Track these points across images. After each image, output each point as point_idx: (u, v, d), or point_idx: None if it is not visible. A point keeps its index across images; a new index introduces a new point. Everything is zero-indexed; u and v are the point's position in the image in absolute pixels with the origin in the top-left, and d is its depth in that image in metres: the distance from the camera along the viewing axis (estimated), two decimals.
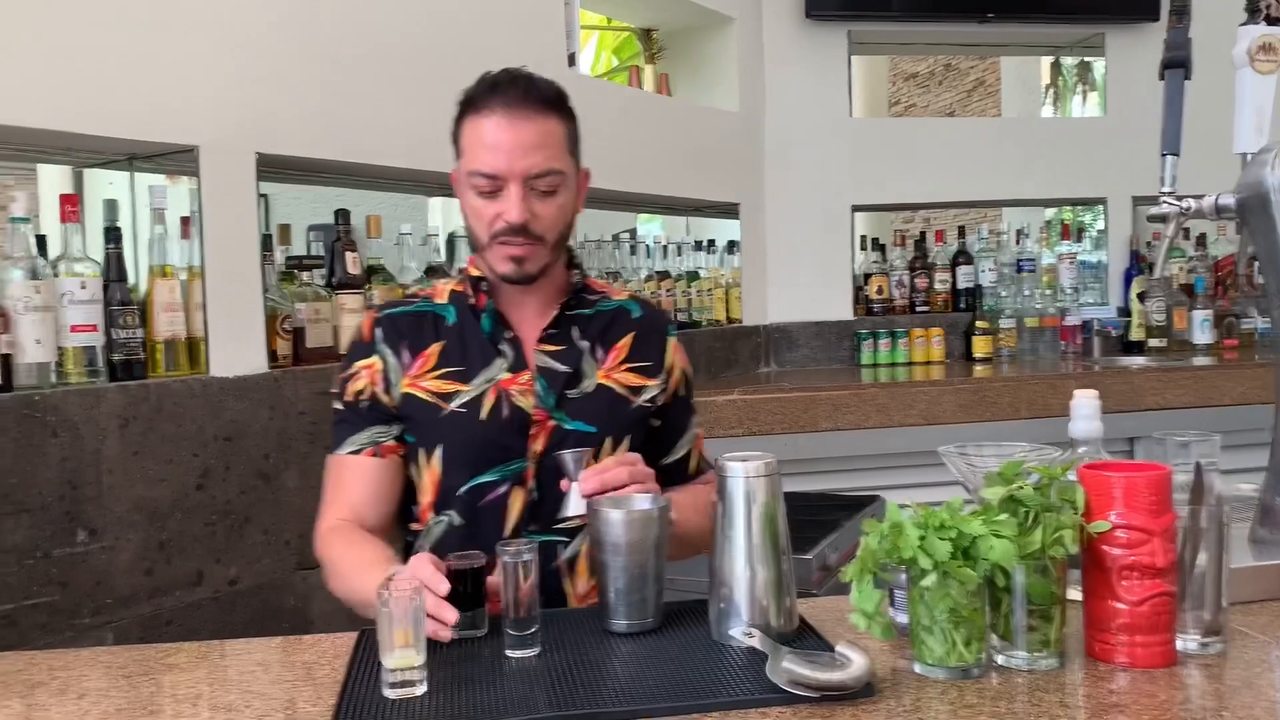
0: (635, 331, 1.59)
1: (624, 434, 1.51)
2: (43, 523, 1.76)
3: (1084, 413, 1.33)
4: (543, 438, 1.48)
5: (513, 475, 1.47)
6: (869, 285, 4.22)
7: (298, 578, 2.19)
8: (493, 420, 1.46)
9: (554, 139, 1.45)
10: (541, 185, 1.44)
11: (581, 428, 1.49)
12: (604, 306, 1.60)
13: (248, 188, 2.15)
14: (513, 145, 1.42)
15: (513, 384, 1.48)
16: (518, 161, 1.42)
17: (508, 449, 1.47)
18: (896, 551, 1.11)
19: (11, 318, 1.76)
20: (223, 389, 2.05)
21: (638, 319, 1.60)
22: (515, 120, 1.42)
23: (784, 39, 4.06)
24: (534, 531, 1.46)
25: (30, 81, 1.80)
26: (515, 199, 1.42)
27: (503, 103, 1.43)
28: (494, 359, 1.50)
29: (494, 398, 1.47)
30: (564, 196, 1.48)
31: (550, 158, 1.44)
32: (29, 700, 1.16)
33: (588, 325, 1.56)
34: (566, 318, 1.54)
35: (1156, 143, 1.59)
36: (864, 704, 1.06)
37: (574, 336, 1.54)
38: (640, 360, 1.57)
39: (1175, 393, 3.45)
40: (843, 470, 3.25)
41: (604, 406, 1.52)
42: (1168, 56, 1.54)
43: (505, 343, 1.51)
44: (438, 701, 1.08)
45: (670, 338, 1.63)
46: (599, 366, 1.54)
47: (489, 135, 1.43)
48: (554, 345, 1.53)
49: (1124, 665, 1.13)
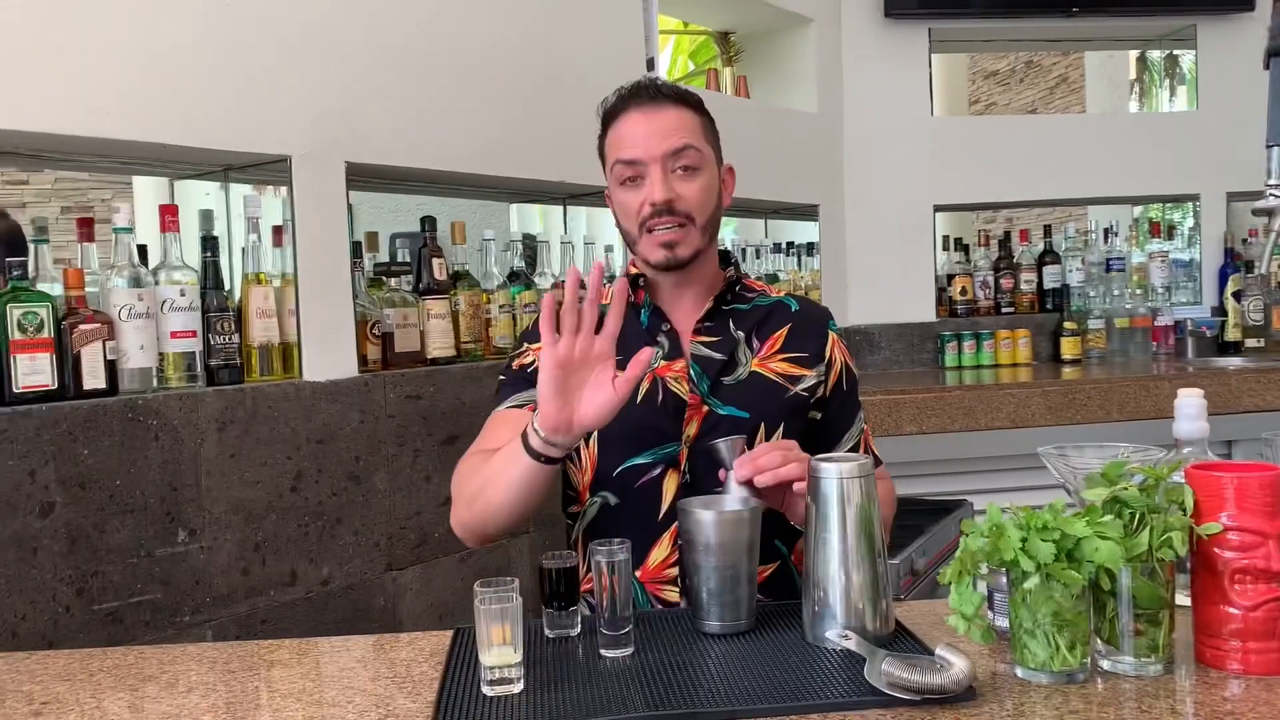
0: (792, 324, 1.61)
1: (779, 421, 1.53)
2: (145, 523, 1.81)
3: (1189, 412, 1.29)
4: (696, 422, 1.51)
5: (666, 458, 1.50)
6: (952, 286, 4.15)
7: (388, 578, 2.22)
8: (647, 404, 1.50)
9: (688, 124, 1.52)
10: (682, 162, 1.50)
11: (735, 413, 1.52)
12: (761, 302, 1.63)
13: (338, 196, 2.19)
14: (649, 132, 1.49)
15: (668, 371, 1.53)
16: (655, 145, 1.49)
17: (662, 433, 1.50)
18: (998, 553, 1.08)
19: (116, 324, 1.82)
20: (315, 393, 2.10)
21: (796, 312, 1.64)
22: (648, 112, 1.51)
23: (863, 38, 4.02)
24: None
25: (129, 95, 1.86)
26: (657, 179, 1.48)
27: (635, 101, 1.52)
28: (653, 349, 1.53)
29: (650, 383, 1.51)
30: (706, 177, 1.53)
31: (686, 135, 1.51)
32: (139, 693, 1.20)
33: (744, 318, 1.60)
34: (722, 311, 1.58)
35: (1250, 137, 1.54)
36: (965, 708, 1.04)
37: (729, 328, 1.58)
38: (797, 351, 1.59)
39: (1275, 394, 3.33)
40: (928, 475, 3.20)
41: (758, 393, 1.54)
42: (1273, 44, 1.49)
43: (662, 335, 1.56)
44: (535, 700, 1.08)
45: (831, 331, 1.65)
46: (754, 356, 1.58)
47: (628, 129, 1.51)
48: (709, 336, 1.56)
49: (1237, 673, 1.09)
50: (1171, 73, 5.47)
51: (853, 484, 1.21)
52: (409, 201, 3.60)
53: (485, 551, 2.44)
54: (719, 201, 1.57)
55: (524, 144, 2.63)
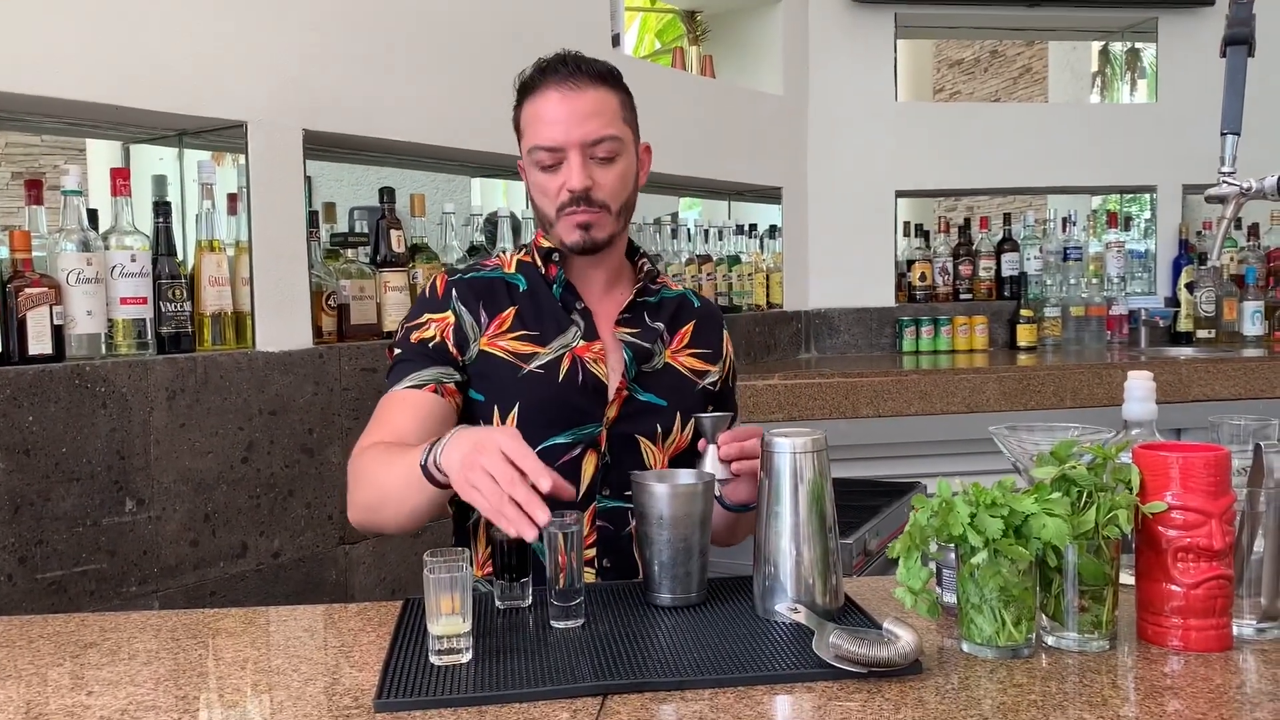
0: (696, 320, 1.65)
1: (690, 413, 1.55)
2: (91, 491, 1.78)
3: (1138, 394, 1.30)
4: (617, 405, 1.51)
5: (586, 439, 1.50)
6: (912, 272, 4.18)
7: (340, 552, 2.21)
8: (569, 383, 1.50)
9: (608, 108, 1.49)
10: (600, 152, 1.48)
11: (654, 400, 1.54)
12: (667, 294, 1.65)
13: (295, 164, 2.16)
14: (568, 115, 1.46)
15: (587, 352, 1.52)
16: (574, 130, 1.46)
17: (583, 413, 1.50)
18: (946, 528, 1.09)
19: (64, 289, 1.79)
20: (268, 363, 2.07)
21: (697, 308, 1.67)
22: (568, 93, 1.47)
23: (830, 21, 4.02)
24: (606, 496, 1.50)
25: (81, 55, 1.82)
26: (576, 166, 1.46)
27: (555, 80, 1.48)
28: (568, 326, 1.53)
29: (569, 362, 1.51)
30: (623, 164, 1.51)
31: (605, 124, 1.48)
32: (81, 660, 1.18)
33: (656, 311, 1.61)
34: (637, 303, 1.59)
35: (1209, 130, 1.56)
36: (911, 681, 1.04)
37: (647, 319, 1.59)
38: (702, 347, 1.63)
39: (1224, 384, 3.39)
40: (884, 457, 3.22)
41: (673, 384, 1.57)
42: (1230, 32, 1.50)
43: (577, 312, 1.55)
44: (482, 669, 1.08)
45: (725, 330, 1.70)
46: (667, 348, 1.60)
47: (545, 111, 1.47)
48: (631, 328, 1.57)
49: (1177, 649, 1.11)
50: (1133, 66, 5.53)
51: (805, 458, 1.21)
52: (370, 175, 3.56)
53: (439, 527, 2.42)
54: (635, 184, 1.56)
55: (486, 116, 2.60)
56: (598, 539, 1.50)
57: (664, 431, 1.53)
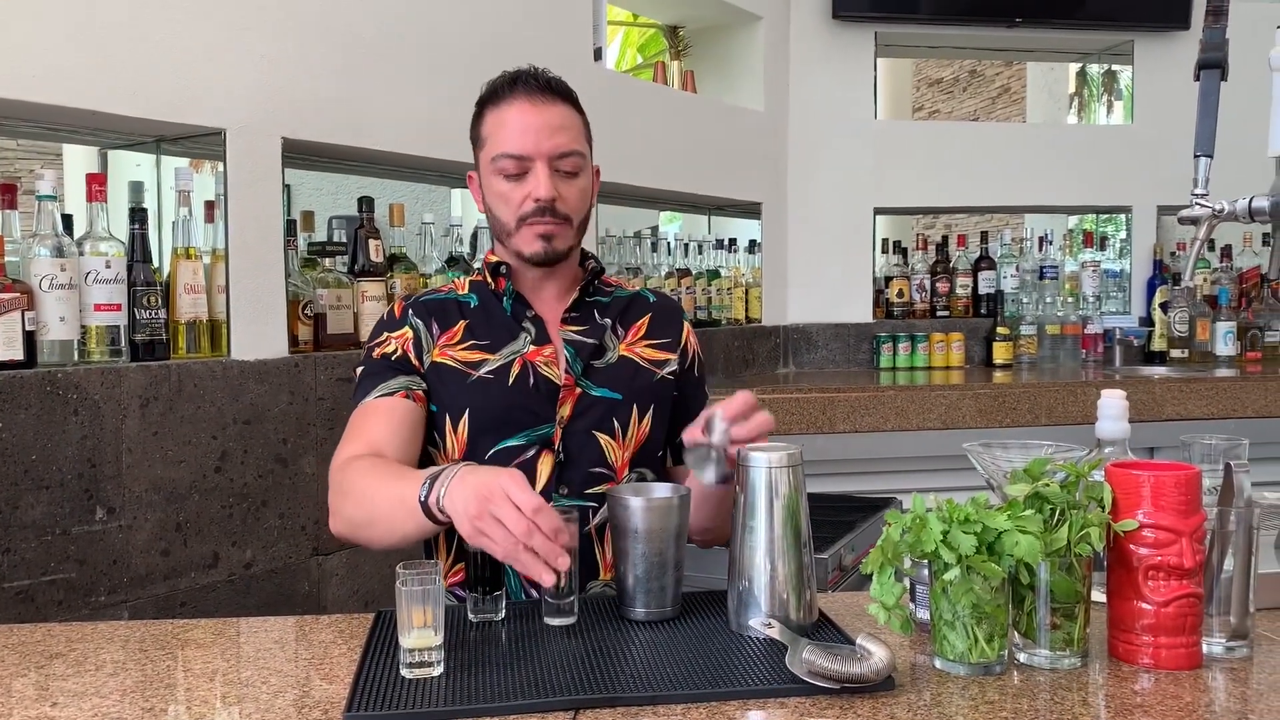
0: (652, 314, 1.65)
1: (649, 402, 1.56)
2: (61, 499, 1.76)
3: (1111, 412, 1.31)
4: (570, 403, 1.51)
5: (540, 439, 1.50)
6: (890, 288, 4.20)
7: (313, 563, 2.19)
8: (518, 388, 1.50)
9: (572, 124, 1.52)
10: (565, 166, 1.49)
11: (608, 394, 1.53)
12: (620, 294, 1.66)
13: (273, 172, 2.15)
14: (539, 126, 1.47)
15: (537, 356, 1.52)
16: (544, 141, 1.47)
17: (535, 414, 1.50)
18: (919, 544, 1.09)
19: (36, 294, 1.77)
20: (243, 372, 2.06)
21: (653, 303, 1.67)
22: (539, 105, 1.49)
23: (811, 38, 4.05)
24: (564, 496, 1.49)
25: (60, 60, 1.80)
26: (543, 176, 1.47)
27: (525, 91, 1.50)
28: (518, 334, 1.54)
29: (520, 367, 1.51)
30: (584, 180, 1.54)
31: (572, 140, 1.50)
32: (46, 671, 1.16)
33: (606, 309, 1.61)
34: (585, 302, 1.59)
35: (1184, 152, 1.57)
36: (884, 697, 1.04)
37: (595, 316, 1.59)
38: (659, 337, 1.63)
39: (1196, 403, 3.42)
40: (859, 473, 3.23)
41: (628, 375, 1.57)
42: (1204, 57, 1.52)
43: (528, 320, 1.55)
44: (454, 682, 1.07)
45: (685, 321, 1.70)
46: (620, 342, 1.60)
47: (515, 119, 1.48)
48: (577, 325, 1.57)
49: (1147, 666, 1.12)
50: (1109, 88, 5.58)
51: (781, 474, 1.21)
52: (350, 185, 3.56)
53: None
54: (591, 203, 1.59)
55: (466, 127, 2.59)
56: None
57: (621, 426, 1.52)
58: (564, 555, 1.15)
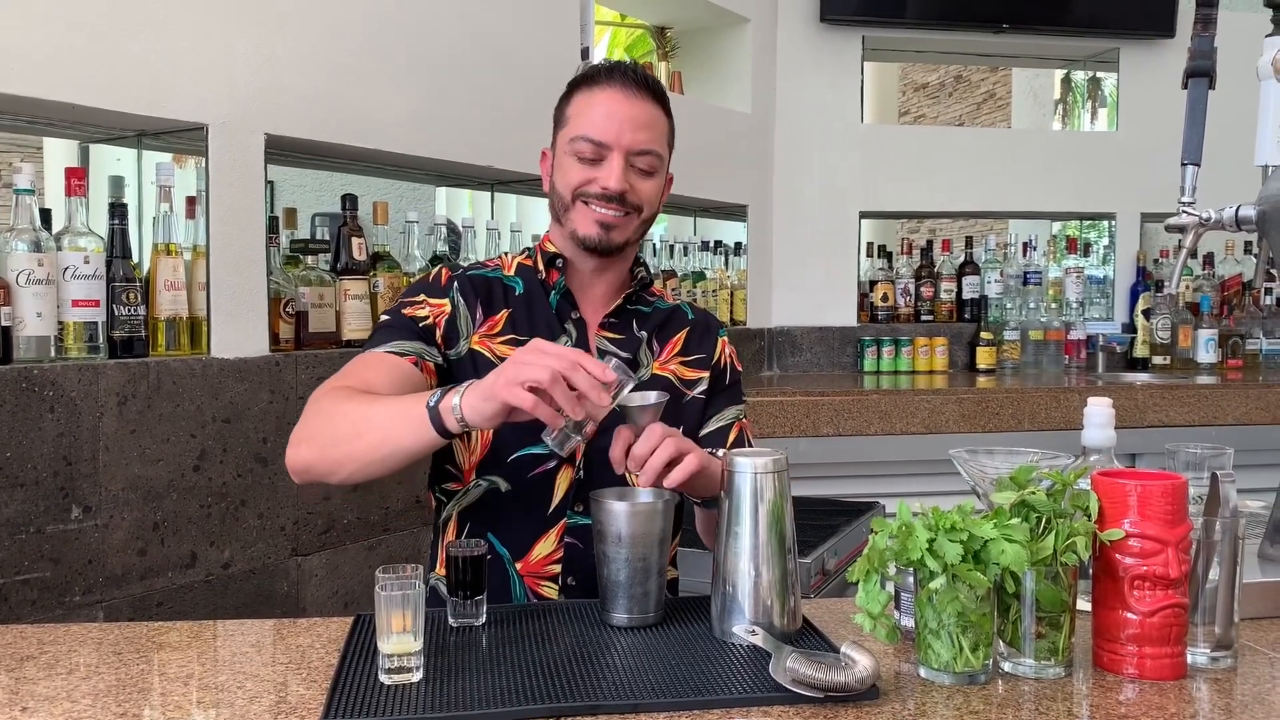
0: (689, 329, 1.62)
1: (678, 423, 1.51)
2: (36, 497, 1.74)
3: (1097, 420, 1.31)
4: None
5: None
6: (874, 292, 4.20)
7: (292, 564, 2.17)
8: None
9: (660, 127, 1.51)
10: (642, 163, 1.48)
11: None
12: (660, 306, 1.63)
13: (256, 168, 2.13)
14: (626, 116, 1.46)
15: None
16: (626, 133, 1.46)
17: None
18: (905, 552, 1.09)
19: (13, 290, 1.74)
20: (223, 370, 2.03)
21: (691, 319, 1.64)
22: (631, 97, 1.47)
23: (798, 41, 4.05)
24: (579, 513, 1.47)
25: (41, 53, 1.78)
26: (617, 167, 1.45)
27: (620, 80, 1.48)
28: (559, 336, 1.51)
29: None
30: (658, 180, 1.52)
31: (654, 139, 1.49)
32: (16, 674, 1.14)
33: (645, 320, 1.59)
34: (627, 310, 1.57)
35: (1168, 159, 1.57)
36: (868, 706, 1.04)
37: (634, 327, 1.57)
38: (693, 354, 1.60)
39: (1178, 410, 3.44)
40: (843, 476, 3.23)
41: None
42: (1192, 65, 1.52)
43: (570, 322, 1.53)
44: (433, 689, 1.06)
45: (721, 337, 1.66)
46: (655, 359, 1.57)
47: (604, 105, 1.47)
48: (615, 333, 1.55)
49: (1132, 676, 1.11)
50: (1094, 94, 5.61)
51: (766, 479, 1.20)
52: (334, 182, 3.53)
53: (394, 539, 2.39)
54: (658, 207, 1.56)
55: (451, 125, 2.59)
56: (564, 556, 1.47)
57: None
58: (604, 393, 1.16)
